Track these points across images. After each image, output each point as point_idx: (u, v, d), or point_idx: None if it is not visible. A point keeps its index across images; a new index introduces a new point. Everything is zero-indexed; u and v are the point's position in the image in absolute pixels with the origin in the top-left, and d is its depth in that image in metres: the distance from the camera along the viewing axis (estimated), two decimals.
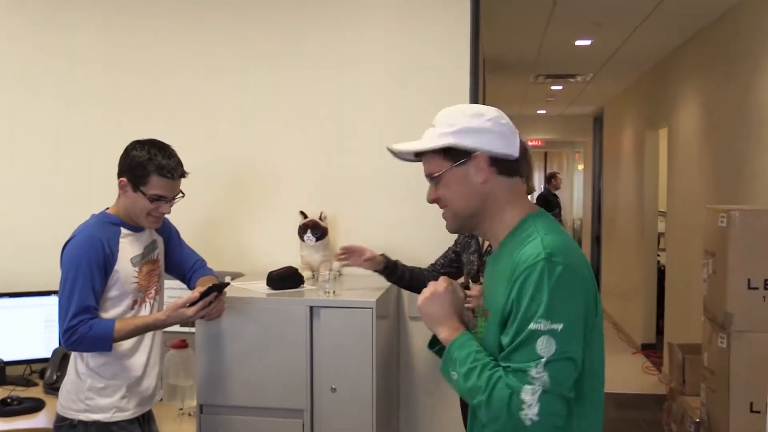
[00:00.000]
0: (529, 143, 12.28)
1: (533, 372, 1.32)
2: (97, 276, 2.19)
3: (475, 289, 2.35)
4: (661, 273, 7.12)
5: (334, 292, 2.58)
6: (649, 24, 5.17)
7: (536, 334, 1.33)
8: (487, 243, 2.51)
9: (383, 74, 3.09)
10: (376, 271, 2.63)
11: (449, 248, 2.72)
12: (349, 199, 3.12)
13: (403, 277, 2.67)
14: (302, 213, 2.99)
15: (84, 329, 2.15)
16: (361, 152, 3.12)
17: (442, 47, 3.04)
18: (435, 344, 1.64)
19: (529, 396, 1.32)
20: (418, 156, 1.58)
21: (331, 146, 3.14)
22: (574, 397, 1.38)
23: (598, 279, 10.29)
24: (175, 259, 2.54)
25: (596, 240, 10.42)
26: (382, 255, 2.66)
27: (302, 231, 2.94)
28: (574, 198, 14.13)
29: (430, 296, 1.55)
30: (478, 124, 1.52)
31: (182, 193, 2.32)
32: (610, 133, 9.60)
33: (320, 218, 2.97)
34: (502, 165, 1.51)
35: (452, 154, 1.52)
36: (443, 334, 1.51)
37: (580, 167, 13.04)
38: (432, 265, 2.72)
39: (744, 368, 2.76)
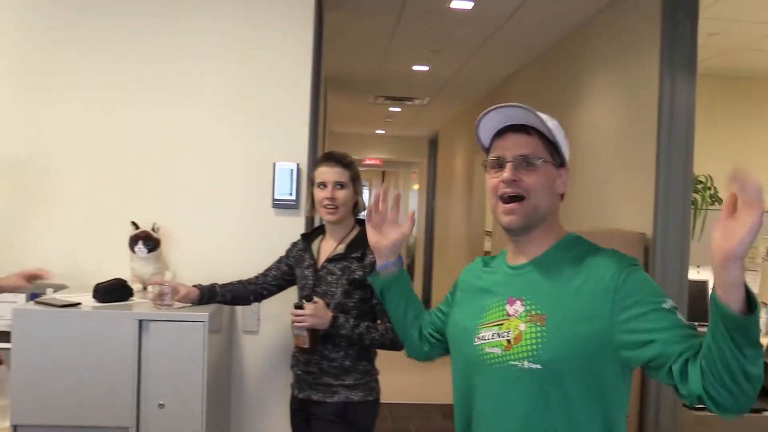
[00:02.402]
0: (368, 161, 12.60)
1: None
2: None
3: (308, 308, 2.38)
4: None
5: (172, 305, 2.52)
6: (480, 56, 5.51)
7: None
8: (322, 258, 2.56)
9: (222, 87, 3.08)
10: (193, 304, 2.57)
11: (281, 259, 2.71)
12: (182, 210, 3.06)
13: (224, 299, 2.64)
14: (134, 223, 2.89)
15: None
16: (195, 164, 3.07)
17: (283, 64, 3.08)
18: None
19: None
20: (509, 129, 1.52)
21: (165, 157, 3.07)
22: None
23: (429, 293, 10.69)
24: None
25: (429, 257, 10.83)
26: (196, 286, 2.58)
27: (133, 242, 2.85)
28: None
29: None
30: (567, 142, 1.57)
31: None
32: (444, 156, 10.06)
33: (153, 229, 2.89)
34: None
35: (554, 154, 1.53)
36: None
37: (416, 187, 13.51)
38: (263, 276, 2.71)
39: None
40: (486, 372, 1.50)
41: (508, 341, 1.46)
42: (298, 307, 2.39)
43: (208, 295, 2.60)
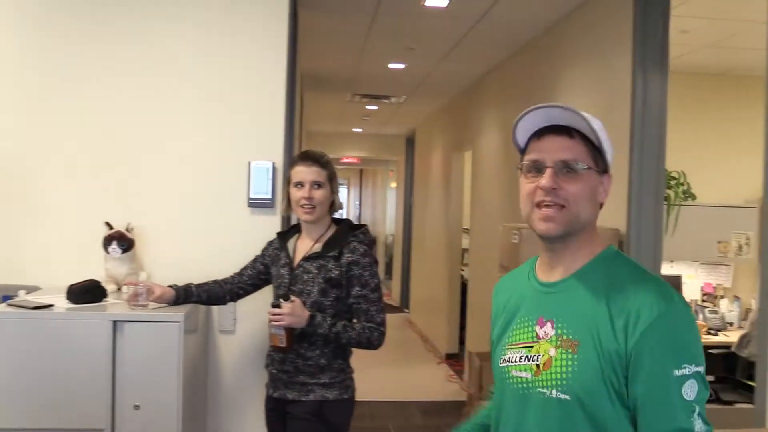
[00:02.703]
0: (345, 160, 12.58)
1: None
2: None
3: (285, 307, 2.37)
4: (464, 286, 7.57)
5: (147, 305, 2.50)
6: (456, 54, 5.53)
7: None
8: (298, 257, 2.55)
9: (196, 85, 3.05)
10: (169, 304, 2.55)
11: (257, 258, 2.70)
12: (157, 210, 3.04)
13: (200, 299, 2.63)
14: (107, 224, 2.87)
15: None
16: (169, 163, 3.05)
17: (258, 62, 3.06)
18: None
19: None
20: (549, 130, 1.38)
21: (139, 157, 3.04)
22: None
23: (408, 291, 10.71)
24: None
25: (407, 255, 10.85)
26: (171, 286, 2.57)
27: (107, 242, 2.82)
28: (387, 214, 14.60)
29: None
30: (611, 147, 1.40)
31: None
32: (421, 154, 10.07)
33: (127, 229, 2.87)
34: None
35: (598, 159, 1.39)
36: None
37: (393, 185, 13.52)
38: (239, 275, 2.70)
39: None
40: (511, 395, 1.43)
41: (538, 366, 1.37)
42: (276, 306, 2.39)
43: (183, 295, 2.58)
